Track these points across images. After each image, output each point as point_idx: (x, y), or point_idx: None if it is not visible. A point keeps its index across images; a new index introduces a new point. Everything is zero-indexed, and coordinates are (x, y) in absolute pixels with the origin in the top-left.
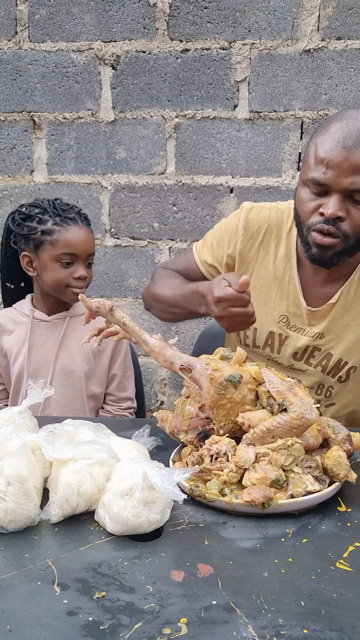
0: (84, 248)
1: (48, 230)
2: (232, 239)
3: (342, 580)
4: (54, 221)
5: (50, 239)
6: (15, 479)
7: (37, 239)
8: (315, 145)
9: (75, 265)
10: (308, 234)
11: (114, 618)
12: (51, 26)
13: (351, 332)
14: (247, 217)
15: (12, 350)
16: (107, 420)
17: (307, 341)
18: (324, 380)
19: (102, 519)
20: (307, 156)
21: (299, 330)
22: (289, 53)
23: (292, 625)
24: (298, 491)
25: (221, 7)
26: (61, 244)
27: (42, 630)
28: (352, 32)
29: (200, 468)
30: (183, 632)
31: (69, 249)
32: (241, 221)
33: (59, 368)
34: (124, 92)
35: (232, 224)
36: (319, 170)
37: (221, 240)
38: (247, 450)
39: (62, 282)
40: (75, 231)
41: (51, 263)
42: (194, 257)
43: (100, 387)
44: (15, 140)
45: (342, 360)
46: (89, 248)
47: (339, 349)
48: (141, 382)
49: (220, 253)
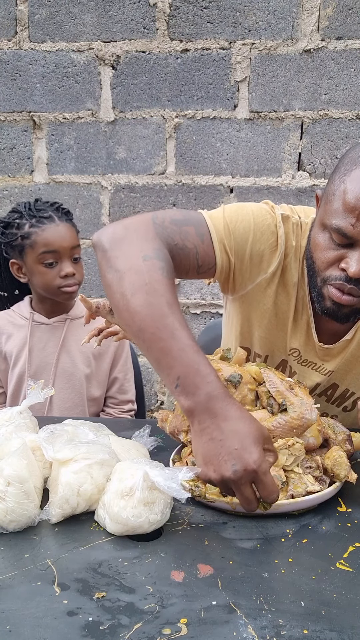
0: (63, 243)
1: (26, 233)
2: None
3: (343, 581)
4: (30, 223)
5: (29, 242)
6: (15, 479)
7: (19, 245)
8: (345, 186)
9: (60, 263)
10: (323, 285)
11: (114, 618)
12: (51, 26)
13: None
14: (285, 231)
15: (12, 354)
16: (107, 421)
17: (318, 378)
18: (327, 409)
19: (102, 519)
20: (330, 196)
21: (310, 365)
22: (289, 53)
23: (292, 626)
24: (298, 491)
25: (221, 7)
26: (39, 244)
27: (42, 630)
28: (352, 32)
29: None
30: (183, 633)
31: (48, 247)
32: (282, 235)
33: (60, 371)
34: (124, 92)
35: (267, 228)
36: (346, 219)
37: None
38: None
39: (51, 284)
40: (51, 229)
41: (36, 266)
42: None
43: (101, 390)
44: (15, 140)
45: (349, 391)
46: (70, 242)
47: (346, 380)
48: (141, 382)
49: (242, 249)
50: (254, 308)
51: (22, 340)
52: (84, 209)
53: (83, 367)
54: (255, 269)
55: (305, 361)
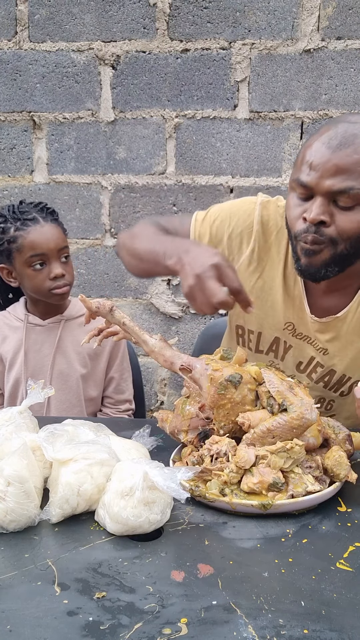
0: (50, 244)
1: (12, 237)
2: (243, 230)
3: (343, 581)
4: (15, 227)
5: (15, 246)
6: (15, 479)
7: (6, 250)
8: (304, 152)
9: (48, 265)
10: (296, 243)
11: (114, 618)
12: (51, 26)
13: (356, 348)
14: (262, 212)
15: (8, 356)
16: (107, 421)
17: (313, 352)
18: (325, 394)
19: (102, 519)
20: (296, 160)
21: (305, 338)
22: (289, 53)
23: (292, 626)
24: (298, 491)
25: (221, 7)
26: (26, 247)
27: (42, 630)
28: (352, 32)
29: (201, 468)
30: (183, 632)
31: (34, 250)
32: (257, 216)
33: (56, 372)
34: (124, 92)
35: (243, 212)
36: (304, 172)
37: (224, 222)
38: (247, 451)
39: (42, 286)
40: (36, 231)
41: (25, 269)
42: (190, 225)
43: (98, 390)
44: (15, 140)
45: (346, 376)
46: (57, 243)
47: (343, 365)
48: (141, 382)
49: (220, 233)
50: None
51: (18, 342)
52: (84, 209)
53: (79, 368)
54: (235, 249)
55: (300, 334)
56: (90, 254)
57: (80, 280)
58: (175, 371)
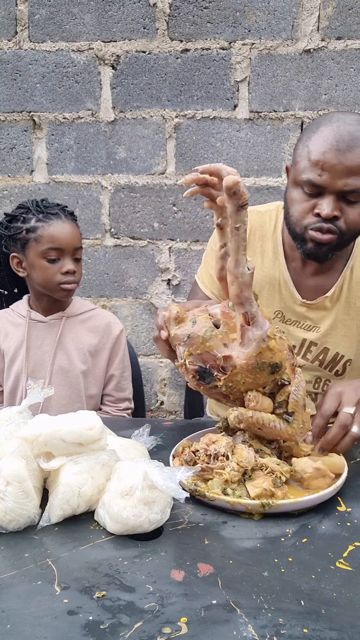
0: (68, 241)
1: (32, 227)
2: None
3: (342, 580)
4: (37, 218)
5: (34, 235)
6: (14, 479)
7: (22, 238)
8: (308, 148)
9: (62, 260)
10: (304, 232)
11: (114, 617)
12: (51, 26)
13: (346, 326)
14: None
15: (9, 352)
16: (107, 420)
17: (304, 334)
18: (321, 374)
19: (102, 519)
20: (298, 158)
21: (295, 323)
22: (289, 53)
23: (292, 625)
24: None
25: (221, 7)
26: (45, 239)
27: (42, 629)
28: (352, 32)
29: (201, 467)
30: (183, 632)
31: (53, 243)
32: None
33: (56, 369)
34: (124, 92)
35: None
36: (313, 172)
37: (211, 253)
38: (248, 451)
39: (51, 279)
40: (58, 225)
41: (38, 260)
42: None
43: (98, 387)
44: (15, 140)
45: (339, 355)
46: (74, 241)
47: (335, 343)
48: (141, 382)
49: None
50: None
51: (20, 338)
52: (84, 209)
53: (79, 364)
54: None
55: (289, 320)
56: (90, 254)
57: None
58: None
